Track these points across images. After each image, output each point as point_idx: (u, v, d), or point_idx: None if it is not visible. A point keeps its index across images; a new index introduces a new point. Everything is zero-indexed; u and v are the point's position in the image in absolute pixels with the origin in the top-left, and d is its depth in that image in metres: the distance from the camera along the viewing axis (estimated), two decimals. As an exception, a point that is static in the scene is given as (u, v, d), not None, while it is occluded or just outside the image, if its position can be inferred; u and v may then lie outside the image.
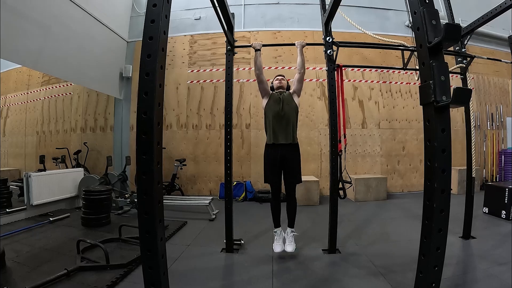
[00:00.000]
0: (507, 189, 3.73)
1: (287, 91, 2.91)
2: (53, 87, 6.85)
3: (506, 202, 3.73)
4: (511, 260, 2.47)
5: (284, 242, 2.78)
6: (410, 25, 1.38)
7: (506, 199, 3.73)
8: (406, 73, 5.69)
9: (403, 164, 5.95)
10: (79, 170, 5.03)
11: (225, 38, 2.97)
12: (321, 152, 5.80)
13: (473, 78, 5.85)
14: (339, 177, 2.86)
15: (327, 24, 2.91)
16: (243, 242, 3.04)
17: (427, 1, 1.18)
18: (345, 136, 2.95)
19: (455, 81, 2.84)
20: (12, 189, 4.60)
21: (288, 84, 2.98)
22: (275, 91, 2.90)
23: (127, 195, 4.61)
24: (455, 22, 3.58)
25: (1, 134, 7.46)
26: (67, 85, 6.63)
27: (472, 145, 3.23)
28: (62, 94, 6.75)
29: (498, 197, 3.85)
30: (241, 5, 6.02)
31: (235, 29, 3.13)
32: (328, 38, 2.90)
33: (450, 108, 1.14)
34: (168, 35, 1.19)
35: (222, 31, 2.84)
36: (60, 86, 6.76)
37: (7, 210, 3.95)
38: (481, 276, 2.29)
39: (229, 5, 2.67)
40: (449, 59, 1.82)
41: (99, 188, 3.91)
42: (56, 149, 6.26)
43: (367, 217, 4.18)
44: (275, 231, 2.85)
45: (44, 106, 6.88)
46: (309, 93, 5.85)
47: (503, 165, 6.29)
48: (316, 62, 5.70)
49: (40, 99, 6.97)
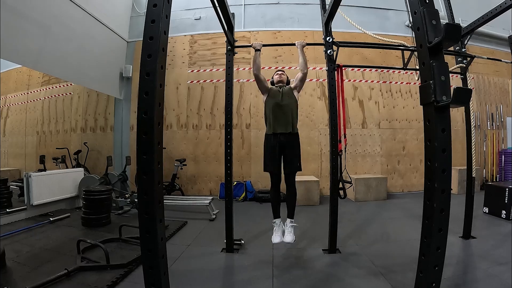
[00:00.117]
0: (507, 189, 3.73)
1: (287, 85, 2.92)
2: (53, 87, 6.85)
3: (506, 202, 3.73)
4: (511, 260, 2.47)
5: (283, 233, 2.71)
6: (410, 25, 1.38)
7: (506, 198, 3.73)
8: (406, 73, 5.69)
9: (403, 164, 5.95)
10: (79, 170, 5.03)
11: (225, 38, 2.97)
12: (321, 151, 5.80)
13: (473, 78, 5.85)
14: (339, 176, 2.86)
15: (327, 24, 2.91)
16: (243, 242, 3.04)
17: (427, 1, 1.18)
18: (345, 136, 2.95)
19: (455, 81, 2.84)
20: (12, 189, 4.60)
21: (288, 79, 2.99)
22: (275, 85, 2.91)
23: (127, 195, 4.61)
24: (455, 22, 3.58)
25: (1, 135, 7.46)
26: (67, 85, 6.64)
27: (472, 144, 3.23)
28: (62, 94, 6.75)
29: (498, 196, 3.85)
30: (241, 5, 6.02)
31: (235, 29, 3.13)
32: (328, 38, 2.90)
33: (450, 108, 1.14)
34: (168, 35, 1.19)
35: (222, 31, 2.83)
36: (60, 86, 6.76)
37: (7, 210, 3.95)
38: (481, 276, 2.29)
39: (229, 5, 2.67)
40: (449, 59, 1.82)
41: (99, 188, 3.91)
42: (56, 149, 6.26)
43: (367, 217, 4.18)
44: (274, 221, 2.79)
45: (44, 106, 6.89)
46: (309, 93, 5.86)
47: (503, 164, 6.29)
48: (316, 62, 5.70)
49: (40, 99, 6.97)
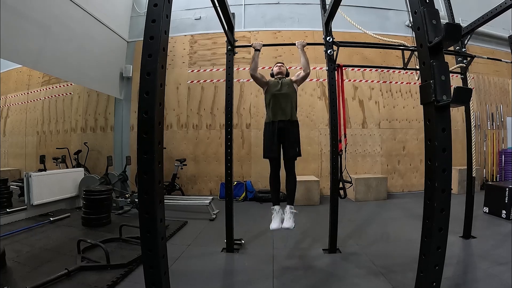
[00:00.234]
0: (507, 189, 3.73)
1: (287, 77, 2.92)
2: (53, 87, 6.85)
3: (506, 201, 3.73)
4: (511, 260, 2.47)
5: (282, 221, 2.66)
6: (411, 25, 1.38)
7: (506, 198, 3.73)
8: (406, 73, 5.69)
9: (403, 164, 5.95)
10: (80, 170, 5.03)
11: (225, 38, 2.97)
12: (321, 151, 5.80)
13: (473, 78, 5.85)
14: (339, 176, 2.86)
15: (327, 24, 2.92)
16: (243, 241, 3.05)
17: (428, 1, 1.18)
18: (345, 136, 2.95)
19: (455, 81, 2.83)
20: (12, 189, 4.60)
21: (287, 71, 3.01)
22: (275, 77, 2.92)
23: (127, 195, 4.61)
24: (455, 22, 3.58)
25: (1, 135, 7.46)
26: (67, 85, 6.64)
27: (473, 144, 3.23)
28: (63, 94, 6.75)
29: (498, 196, 3.85)
30: (241, 5, 6.02)
31: (235, 29, 3.13)
32: (328, 38, 2.91)
33: (450, 108, 1.14)
34: (168, 35, 1.19)
35: (223, 31, 2.83)
36: (60, 86, 6.76)
37: (8, 210, 3.95)
38: (481, 275, 2.29)
39: (229, 5, 2.67)
40: (450, 59, 1.82)
41: (100, 188, 3.91)
42: (57, 148, 6.26)
43: (367, 216, 4.18)
44: (273, 208, 2.74)
45: (45, 106, 6.89)
46: (309, 93, 5.86)
47: (503, 164, 6.29)
48: (317, 62, 5.69)
49: (40, 99, 6.97)
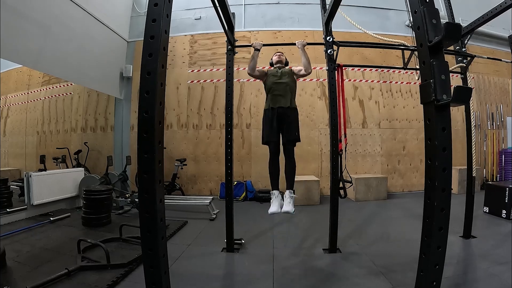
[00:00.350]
0: (507, 189, 3.73)
1: (286, 67, 2.93)
2: (53, 87, 6.85)
3: (506, 201, 3.73)
4: (511, 259, 2.47)
5: (281, 206, 2.62)
6: (411, 24, 1.38)
7: (506, 198, 3.73)
8: (407, 73, 5.67)
9: (403, 164, 5.95)
10: (80, 170, 5.03)
11: (225, 38, 2.97)
12: (321, 151, 5.80)
13: (473, 77, 5.84)
14: (339, 176, 2.86)
15: (327, 24, 2.91)
16: (243, 241, 3.05)
17: (428, 0, 1.18)
18: (345, 136, 2.95)
19: (455, 81, 2.83)
20: (12, 188, 4.60)
21: (286, 60, 3.01)
22: (274, 66, 2.93)
23: (127, 195, 4.61)
24: (455, 21, 3.58)
25: (1, 135, 7.46)
26: (67, 85, 6.63)
27: (473, 144, 3.23)
28: (63, 94, 6.75)
29: (498, 196, 3.85)
30: (242, 5, 6.02)
31: (235, 29, 3.13)
32: (328, 38, 2.90)
33: (450, 107, 1.14)
34: (169, 35, 1.19)
35: (223, 31, 2.83)
36: (60, 86, 6.76)
37: (8, 209, 3.95)
38: (481, 275, 2.29)
39: (230, 5, 2.67)
40: (450, 59, 1.82)
41: (100, 188, 3.91)
42: (57, 148, 6.26)
43: (367, 216, 4.18)
44: (272, 192, 2.71)
45: (45, 106, 6.89)
46: (309, 93, 5.85)
47: (503, 164, 6.28)
48: (317, 61, 5.66)
49: (40, 99, 6.97)
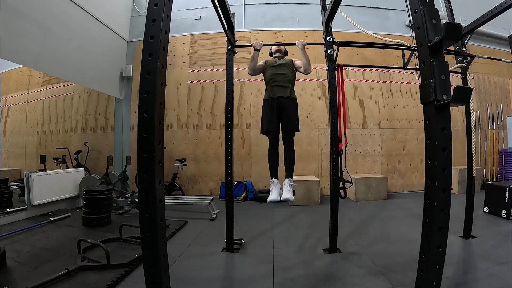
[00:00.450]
0: (507, 189, 3.72)
1: (286, 57, 2.95)
2: (53, 87, 6.85)
3: (506, 201, 3.73)
4: (511, 259, 2.47)
5: (280, 194, 2.63)
6: (411, 24, 1.38)
7: (506, 198, 3.73)
8: (407, 73, 5.67)
9: (403, 164, 5.95)
10: (80, 170, 5.03)
11: (225, 38, 2.97)
12: (321, 151, 5.80)
13: (473, 77, 5.84)
14: (339, 176, 2.86)
15: (327, 24, 2.91)
16: (243, 241, 3.05)
17: (427, 0, 1.18)
18: (345, 136, 2.95)
19: (455, 81, 2.83)
20: (12, 189, 4.60)
21: (286, 50, 3.03)
22: (273, 56, 2.95)
23: (127, 195, 4.61)
24: (455, 21, 3.58)
25: (1, 135, 7.46)
26: (67, 85, 6.63)
27: (473, 144, 3.23)
28: (63, 94, 6.75)
29: (498, 196, 3.85)
30: (242, 5, 6.02)
31: (235, 29, 3.13)
32: (328, 38, 2.90)
33: (450, 107, 1.14)
34: (169, 35, 1.19)
35: (223, 31, 2.83)
36: (60, 86, 6.76)
37: (8, 209, 3.95)
38: (481, 275, 2.29)
39: (230, 5, 2.67)
40: (450, 59, 1.82)
41: (100, 188, 3.91)
42: (57, 148, 6.26)
43: (367, 216, 4.18)
44: (272, 181, 2.72)
45: (45, 106, 6.89)
46: (309, 93, 5.85)
47: (503, 164, 6.28)
48: (317, 62, 5.67)
49: (40, 99, 6.97)
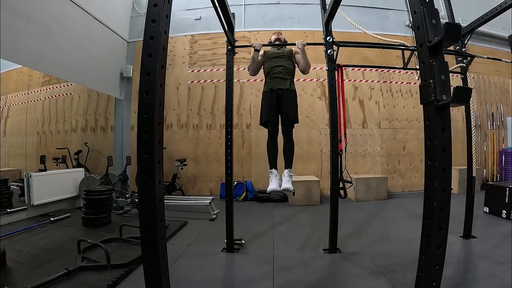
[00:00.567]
0: (507, 189, 3.72)
1: (287, 48, 2.97)
2: (53, 88, 6.85)
3: (506, 201, 3.72)
4: (511, 259, 2.46)
5: (279, 184, 2.64)
6: (410, 24, 1.38)
7: (506, 198, 3.73)
8: (407, 73, 5.67)
9: (403, 164, 5.95)
10: (80, 170, 5.03)
11: (225, 38, 2.96)
12: (321, 151, 5.79)
13: (473, 78, 5.84)
14: (339, 176, 2.86)
15: (327, 24, 2.91)
16: (243, 242, 3.04)
17: (427, 0, 1.18)
18: (345, 136, 2.95)
19: (455, 81, 2.84)
20: (12, 189, 4.59)
21: (285, 40, 3.05)
22: (272, 45, 2.97)
23: (127, 195, 4.61)
24: (455, 21, 3.58)
25: (1, 135, 7.46)
26: (67, 85, 6.63)
27: (473, 144, 3.23)
28: (63, 95, 6.75)
29: (498, 196, 3.84)
30: (242, 5, 6.02)
31: (235, 29, 3.13)
32: (328, 38, 2.90)
33: (450, 107, 1.14)
34: (168, 35, 1.19)
35: (223, 31, 2.83)
36: (60, 87, 6.76)
37: (8, 210, 3.94)
38: (481, 275, 2.29)
39: (230, 5, 2.67)
40: (450, 59, 1.82)
41: (100, 188, 3.91)
42: (57, 149, 6.26)
43: (367, 216, 4.18)
44: (271, 171, 2.73)
45: (45, 107, 6.89)
46: (309, 93, 5.85)
47: (503, 164, 6.28)
48: (317, 62, 5.68)
49: (40, 99, 6.97)
